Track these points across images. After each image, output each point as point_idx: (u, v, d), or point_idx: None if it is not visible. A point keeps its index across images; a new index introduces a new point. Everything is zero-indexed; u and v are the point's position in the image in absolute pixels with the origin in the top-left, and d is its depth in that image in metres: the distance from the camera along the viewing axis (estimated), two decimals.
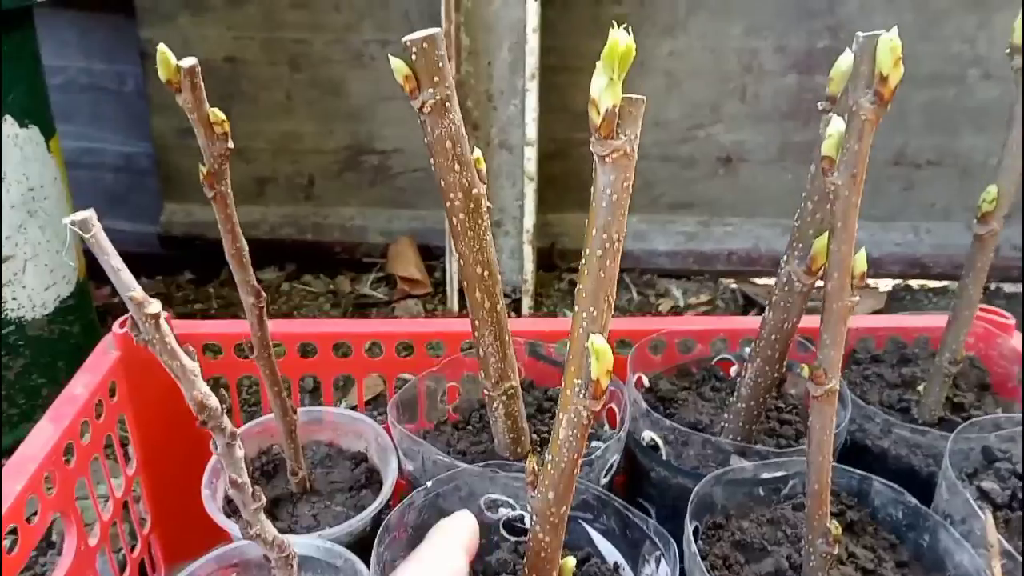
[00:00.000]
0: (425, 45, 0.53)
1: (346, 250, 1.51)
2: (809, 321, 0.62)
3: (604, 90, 0.39)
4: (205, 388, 0.44)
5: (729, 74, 1.40)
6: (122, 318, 0.75)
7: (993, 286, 1.50)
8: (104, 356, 0.71)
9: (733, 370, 0.79)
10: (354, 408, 0.77)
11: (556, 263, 1.50)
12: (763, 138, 1.44)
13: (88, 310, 1.18)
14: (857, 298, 0.48)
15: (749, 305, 1.42)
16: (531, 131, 1.28)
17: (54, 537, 0.92)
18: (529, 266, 1.36)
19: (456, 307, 1.39)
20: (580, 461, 0.46)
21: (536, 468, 0.47)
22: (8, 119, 0.98)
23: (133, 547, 0.74)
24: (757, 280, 1.50)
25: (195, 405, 0.43)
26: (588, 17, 1.35)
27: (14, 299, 1.01)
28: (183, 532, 0.76)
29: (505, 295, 1.43)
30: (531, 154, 1.29)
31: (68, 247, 1.10)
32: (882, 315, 1.08)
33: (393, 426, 0.66)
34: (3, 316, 1.00)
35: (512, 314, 1.40)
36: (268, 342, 0.60)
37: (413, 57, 0.53)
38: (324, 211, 1.52)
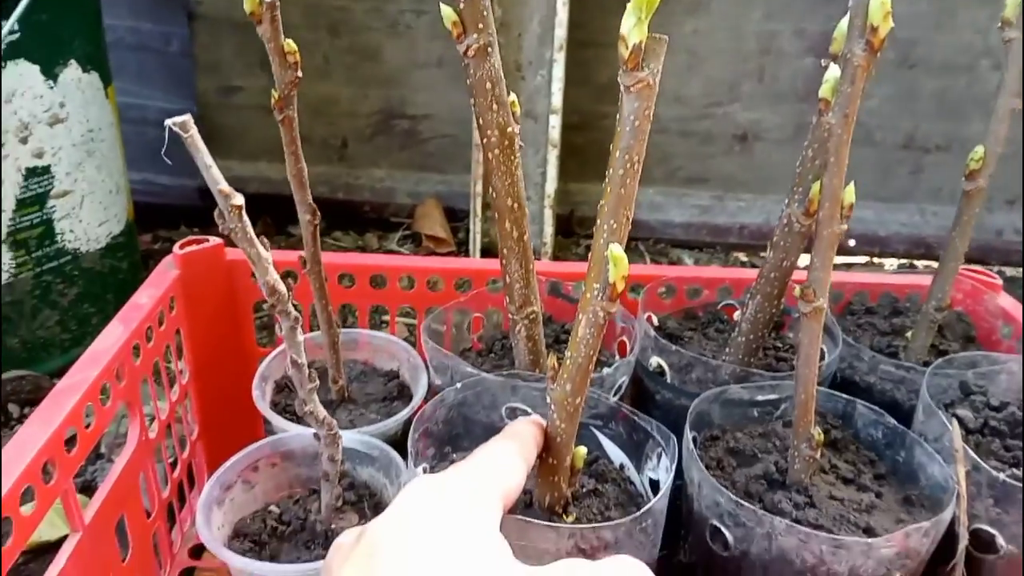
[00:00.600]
0: None
1: (375, 209, 1.58)
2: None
3: (633, 27, 0.45)
4: (276, 275, 0.51)
5: (748, 55, 1.45)
6: (182, 240, 0.82)
7: (995, 269, 1.55)
8: (166, 273, 0.79)
9: (737, 315, 0.85)
10: None
11: (575, 229, 1.57)
12: (779, 118, 1.50)
13: (135, 250, 1.26)
14: (845, 226, 0.54)
15: None
16: (556, 100, 1.34)
17: (103, 449, 1.00)
18: (549, 230, 1.43)
19: None
20: (595, 357, 0.52)
21: (556, 364, 0.54)
22: (72, 63, 1.05)
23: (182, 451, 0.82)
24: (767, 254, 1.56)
25: (267, 289, 0.51)
26: None
27: (71, 232, 1.09)
28: (226, 441, 0.83)
29: None
30: (555, 122, 1.35)
31: (121, 188, 1.18)
32: (879, 272, 1.14)
33: (426, 342, 0.73)
34: (62, 246, 1.08)
35: None
36: (319, 257, 0.67)
37: (461, 5, 0.60)
38: (356, 172, 1.59)
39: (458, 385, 0.65)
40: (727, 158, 1.53)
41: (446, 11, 0.61)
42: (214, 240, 0.83)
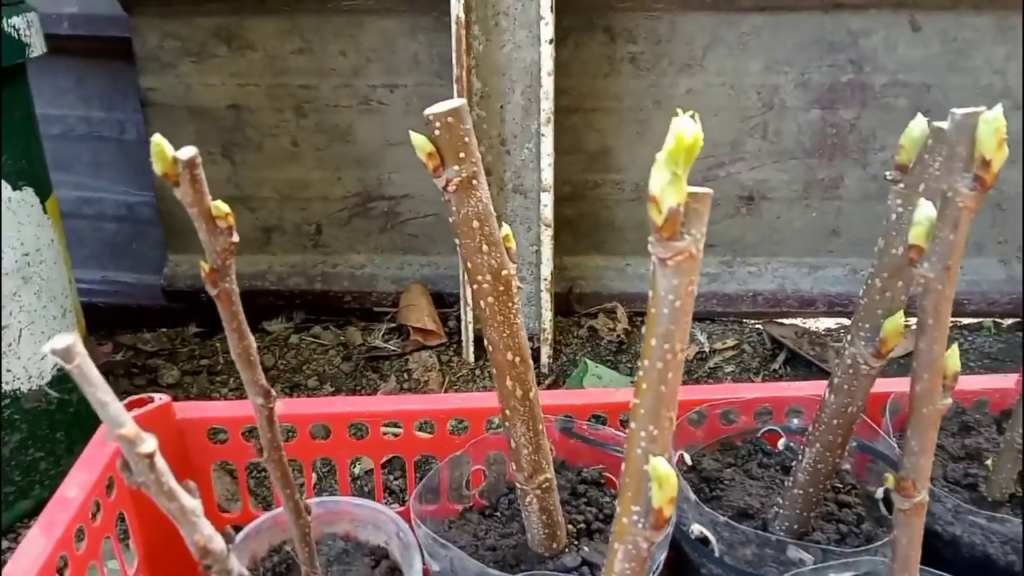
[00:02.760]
0: (450, 119, 0.48)
1: (356, 299, 1.46)
2: None
3: (667, 186, 0.33)
4: (208, 529, 0.38)
5: (749, 111, 1.35)
6: (123, 403, 0.69)
7: (989, 322, 1.44)
8: (100, 448, 0.66)
9: (781, 443, 0.73)
10: (371, 487, 0.71)
11: (574, 308, 1.44)
12: (786, 176, 1.39)
13: None
14: (949, 400, 0.42)
15: (777, 348, 1.36)
16: (547, 176, 1.23)
17: None
18: (547, 315, 1.31)
19: (472, 357, 1.33)
20: None
21: None
22: (2, 183, 0.93)
23: None
24: (784, 321, 1.44)
25: (197, 550, 0.38)
26: (602, 56, 1.31)
27: (8, 371, 0.95)
28: None
29: None
30: (547, 200, 1.24)
31: (67, 310, 1.05)
32: None
33: (416, 525, 0.60)
34: None
35: None
36: (279, 442, 0.54)
37: (436, 132, 0.49)
38: (333, 259, 1.47)
39: None
40: (733, 221, 1.42)
41: (418, 140, 0.50)
42: (160, 398, 0.70)
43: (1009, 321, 1.45)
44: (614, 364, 1.32)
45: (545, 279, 1.29)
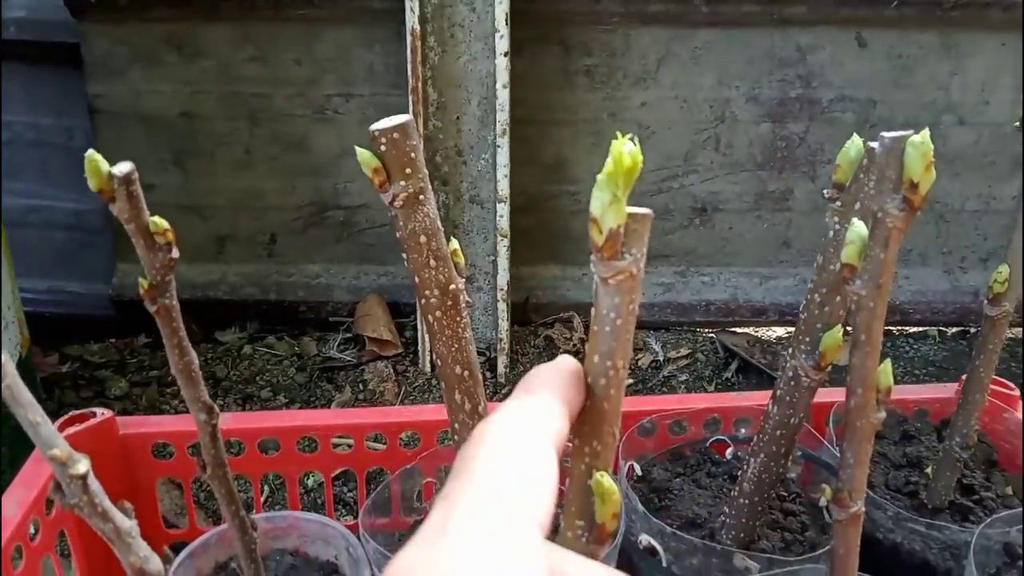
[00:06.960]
0: (396, 135, 0.48)
1: (311, 309, 1.44)
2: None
3: (607, 208, 0.33)
4: (144, 550, 0.38)
5: (702, 124, 1.37)
6: (63, 418, 0.68)
7: (973, 331, 1.48)
8: (40, 465, 0.65)
9: (729, 452, 0.74)
10: (324, 499, 0.71)
11: (531, 317, 1.45)
12: (738, 187, 1.41)
13: (32, 387, 1.09)
14: (883, 414, 0.43)
15: (730, 357, 1.38)
16: (503, 187, 1.23)
17: None
18: (504, 324, 1.31)
19: (428, 367, 1.33)
20: None
21: None
22: None
23: None
24: (736, 330, 1.47)
25: (133, 572, 0.37)
26: (558, 69, 1.32)
27: None
28: None
29: (480, 353, 1.38)
30: (503, 211, 1.24)
31: (9, 322, 1.02)
32: None
33: (365, 540, 0.60)
34: None
35: (488, 374, 1.34)
36: (223, 459, 0.54)
37: (382, 148, 0.49)
38: (288, 269, 1.45)
39: None
40: (687, 232, 1.44)
41: (364, 156, 0.49)
42: (102, 413, 0.69)
43: (953, 330, 1.50)
44: None
45: (501, 289, 1.29)
